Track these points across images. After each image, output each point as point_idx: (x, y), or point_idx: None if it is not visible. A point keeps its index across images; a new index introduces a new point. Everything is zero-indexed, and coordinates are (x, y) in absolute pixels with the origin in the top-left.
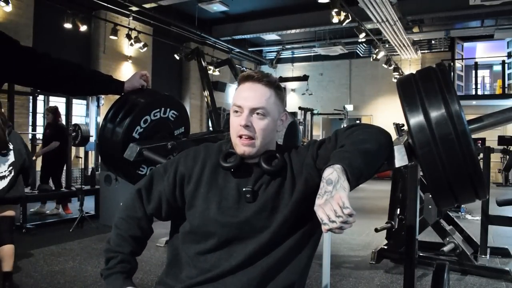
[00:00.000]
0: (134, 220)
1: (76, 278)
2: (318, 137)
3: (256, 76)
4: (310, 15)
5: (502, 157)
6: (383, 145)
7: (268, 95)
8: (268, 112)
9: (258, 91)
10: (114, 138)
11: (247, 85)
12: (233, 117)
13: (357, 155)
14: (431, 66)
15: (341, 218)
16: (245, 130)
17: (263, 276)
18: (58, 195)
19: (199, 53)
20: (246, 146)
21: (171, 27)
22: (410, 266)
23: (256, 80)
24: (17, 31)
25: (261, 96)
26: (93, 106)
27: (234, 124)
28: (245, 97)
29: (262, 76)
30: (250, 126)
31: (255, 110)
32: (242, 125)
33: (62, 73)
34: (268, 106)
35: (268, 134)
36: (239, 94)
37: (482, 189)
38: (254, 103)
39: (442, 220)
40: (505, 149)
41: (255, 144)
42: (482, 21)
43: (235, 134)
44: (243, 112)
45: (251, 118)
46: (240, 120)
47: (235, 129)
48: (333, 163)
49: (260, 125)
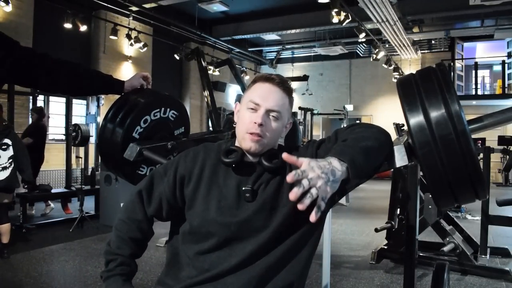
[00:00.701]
0: (134, 222)
1: (76, 278)
2: (318, 137)
3: (277, 80)
4: (310, 15)
5: (502, 157)
6: (383, 144)
7: (284, 101)
8: (281, 116)
9: (277, 94)
10: (114, 138)
11: (267, 86)
12: (247, 112)
13: (358, 151)
14: (431, 66)
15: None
16: (258, 128)
17: (263, 276)
18: (59, 195)
19: (199, 53)
20: (254, 143)
21: (171, 27)
22: (410, 266)
23: (277, 84)
24: (17, 31)
25: (279, 100)
26: (93, 106)
27: (246, 119)
28: (265, 97)
29: (283, 82)
30: (264, 126)
31: (270, 112)
32: (258, 123)
33: (62, 73)
34: (283, 111)
35: (276, 136)
36: (258, 92)
37: (482, 189)
38: (272, 105)
39: (442, 220)
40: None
41: (263, 143)
42: (482, 21)
43: (246, 130)
44: (259, 110)
45: (265, 118)
46: (255, 118)
47: (247, 125)
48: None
49: (272, 126)
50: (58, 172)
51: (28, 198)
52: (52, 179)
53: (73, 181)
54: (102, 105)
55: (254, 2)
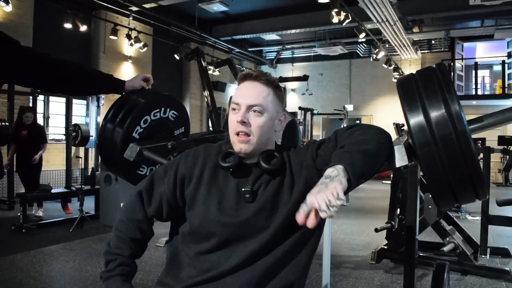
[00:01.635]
0: (134, 222)
1: (76, 278)
2: (318, 137)
3: (254, 74)
4: (310, 15)
5: (502, 157)
6: (383, 146)
7: (266, 93)
8: (265, 110)
9: (255, 88)
10: (114, 138)
11: (245, 83)
12: (231, 114)
13: (358, 156)
14: (431, 66)
15: (334, 208)
16: (241, 126)
17: (263, 276)
18: (59, 195)
19: (199, 53)
20: (242, 143)
21: (171, 27)
22: (410, 266)
23: (254, 78)
24: (17, 31)
25: (259, 94)
26: (93, 106)
27: (231, 121)
28: (243, 95)
29: (261, 75)
30: (247, 123)
31: (252, 107)
32: (238, 121)
33: (62, 73)
34: (265, 103)
35: (265, 132)
36: (238, 92)
37: (482, 189)
38: (251, 100)
39: (442, 220)
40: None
41: (251, 141)
42: (482, 21)
43: (233, 132)
44: (240, 109)
45: (248, 115)
46: (236, 117)
47: (233, 127)
48: (335, 163)
49: (256, 122)
50: (58, 172)
51: (28, 198)
52: (52, 179)
53: (73, 181)
54: (102, 105)
55: (254, 2)
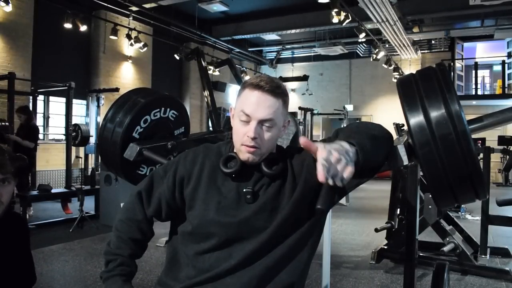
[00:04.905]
0: (134, 222)
1: (76, 278)
2: (318, 137)
3: (266, 87)
4: (310, 15)
5: (502, 157)
6: (386, 137)
7: (277, 106)
8: (275, 123)
9: (267, 102)
10: (114, 138)
11: (256, 94)
12: (240, 124)
13: (366, 137)
14: (431, 66)
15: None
16: (252, 141)
17: (263, 276)
18: (59, 195)
19: (199, 53)
20: (251, 154)
21: (171, 27)
22: (410, 266)
23: (267, 91)
24: (17, 31)
25: (271, 108)
26: (93, 106)
27: (240, 132)
28: (255, 108)
29: (272, 87)
30: (257, 138)
31: (263, 122)
32: (250, 137)
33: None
34: (276, 117)
35: (273, 142)
36: (248, 101)
37: (482, 189)
38: (263, 115)
39: (442, 220)
40: (505, 149)
41: (260, 153)
42: (482, 21)
43: (240, 142)
44: (251, 122)
45: (259, 130)
46: (248, 131)
47: (240, 138)
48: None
49: (267, 135)
50: (58, 172)
51: (28, 198)
52: (52, 179)
53: (73, 181)
54: (102, 105)
55: (254, 2)
